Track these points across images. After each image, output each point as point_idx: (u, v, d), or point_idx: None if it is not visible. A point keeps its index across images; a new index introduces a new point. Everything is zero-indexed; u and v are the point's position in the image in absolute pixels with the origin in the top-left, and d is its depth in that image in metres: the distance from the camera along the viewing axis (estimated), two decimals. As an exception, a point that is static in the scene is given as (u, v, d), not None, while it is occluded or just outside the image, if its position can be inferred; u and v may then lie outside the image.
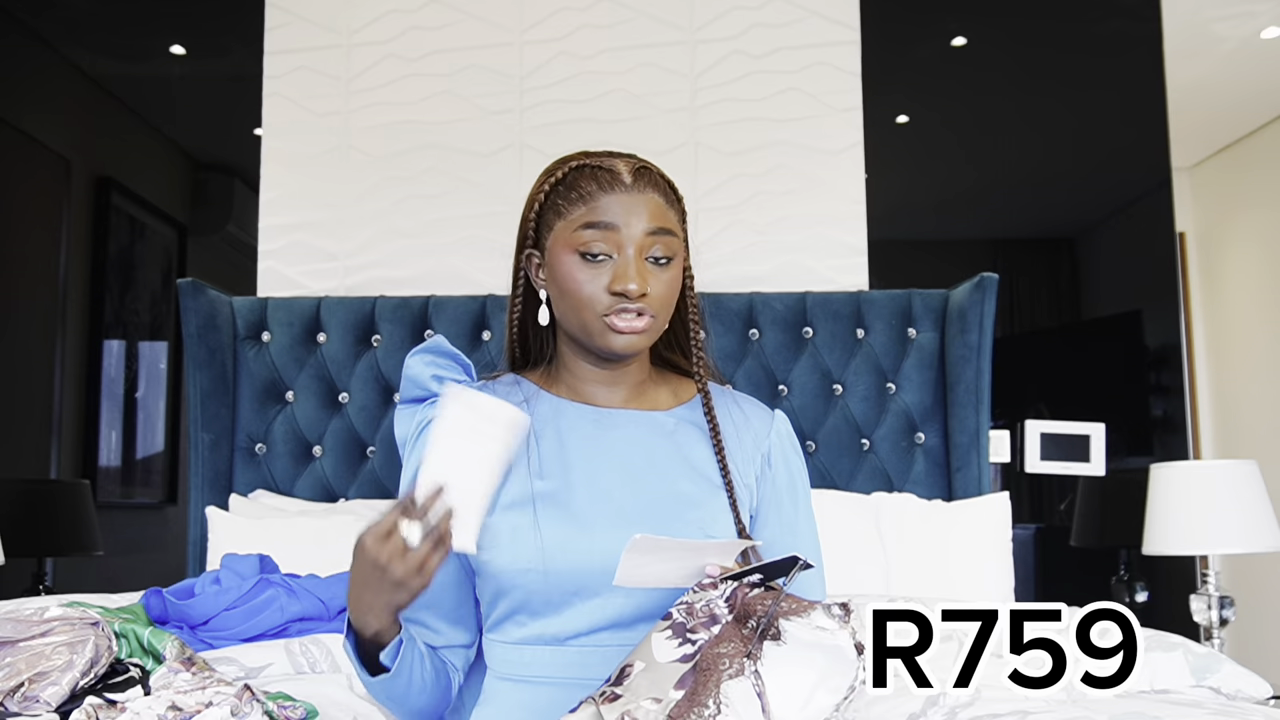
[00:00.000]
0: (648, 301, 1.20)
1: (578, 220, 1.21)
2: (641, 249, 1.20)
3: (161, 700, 1.28)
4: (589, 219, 1.20)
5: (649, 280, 1.20)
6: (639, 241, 1.20)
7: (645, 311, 1.21)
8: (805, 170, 2.98)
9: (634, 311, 1.20)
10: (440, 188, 2.98)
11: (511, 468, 1.23)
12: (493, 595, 1.23)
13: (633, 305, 1.20)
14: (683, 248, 1.27)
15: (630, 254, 1.20)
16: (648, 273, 1.20)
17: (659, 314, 1.22)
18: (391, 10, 3.04)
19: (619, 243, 1.20)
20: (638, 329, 1.21)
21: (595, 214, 1.20)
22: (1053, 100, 3.70)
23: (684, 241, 1.29)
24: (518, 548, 1.19)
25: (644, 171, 1.24)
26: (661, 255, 1.22)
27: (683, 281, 1.31)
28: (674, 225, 1.24)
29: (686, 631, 1.04)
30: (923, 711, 1.44)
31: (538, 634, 1.20)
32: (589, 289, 1.20)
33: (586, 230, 1.20)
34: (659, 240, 1.21)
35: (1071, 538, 3.50)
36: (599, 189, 1.21)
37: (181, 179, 4.56)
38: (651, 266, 1.21)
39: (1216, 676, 1.66)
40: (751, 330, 2.77)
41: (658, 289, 1.21)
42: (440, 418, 1.09)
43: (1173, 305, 3.78)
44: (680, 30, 3.03)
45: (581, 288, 1.20)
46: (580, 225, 1.20)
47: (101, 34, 3.95)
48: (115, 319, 4.20)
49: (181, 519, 3.94)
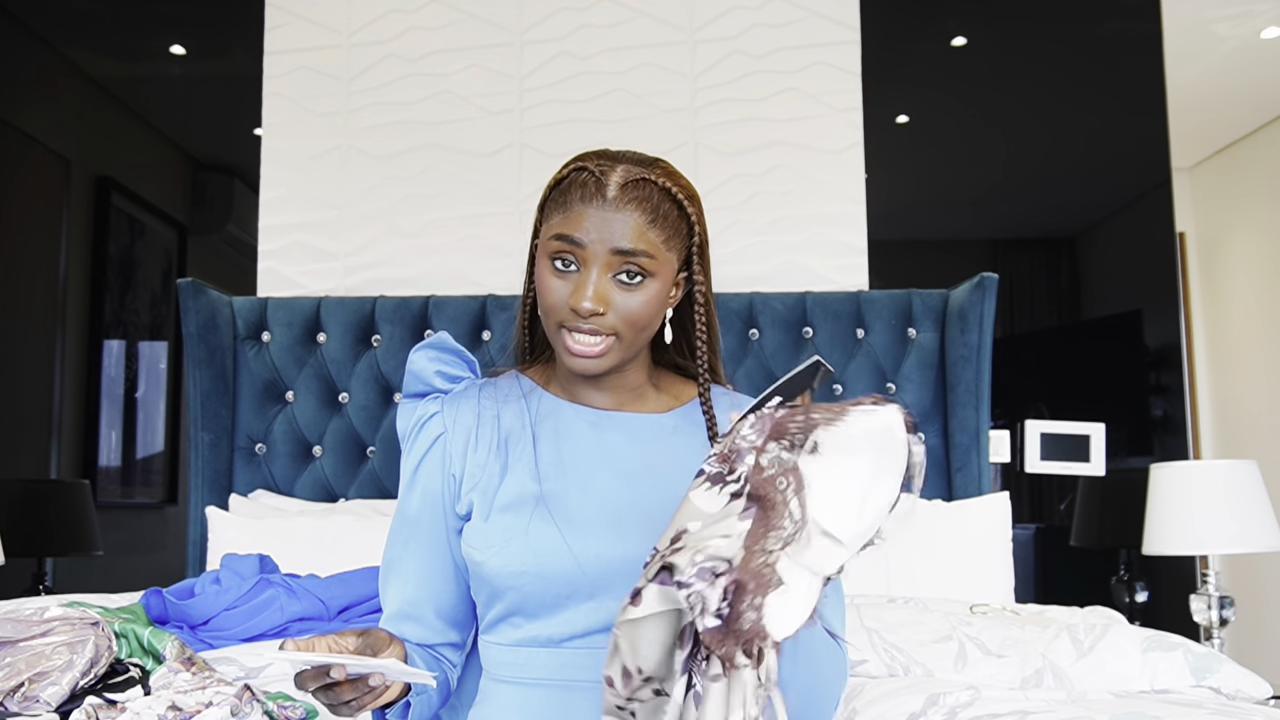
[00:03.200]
0: (602, 322, 1.18)
1: (555, 227, 1.20)
2: (607, 266, 1.18)
3: (161, 700, 1.28)
4: (561, 229, 1.19)
5: (610, 299, 1.18)
6: (604, 260, 1.18)
7: (601, 331, 1.19)
8: (805, 170, 2.98)
9: (588, 331, 1.19)
10: (440, 188, 2.98)
11: (508, 469, 1.23)
12: (488, 597, 1.23)
13: (585, 325, 1.18)
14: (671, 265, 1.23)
15: (594, 272, 1.18)
16: (609, 291, 1.18)
17: (623, 333, 1.19)
18: (391, 10, 3.04)
19: (584, 258, 1.18)
20: (592, 353, 1.19)
21: (567, 225, 1.19)
22: (1053, 100, 3.70)
23: (690, 251, 1.27)
24: (512, 550, 1.18)
25: (634, 185, 1.20)
26: (634, 272, 1.19)
27: (690, 294, 1.29)
28: (652, 243, 1.19)
29: (725, 477, 0.97)
30: (923, 711, 1.44)
31: (533, 636, 1.20)
32: (553, 298, 1.20)
33: (557, 240, 1.19)
34: (626, 261, 1.18)
35: (1071, 538, 3.50)
36: (579, 200, 1.20)
37: (181, 179, 4.56)
38: (619, 285, 1.19)
39: (1216, 676, 1.67)
40: (751, 330, 2.77)
41: (624, 307, 1.18)
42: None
43: (1173, 305, 3.78)
44: (680, 30, 3.03)
45: (548, 295, 1.20)
46: (554, 234, 1.20)
47: (101, 34, 3.95)
48: (115, 319, 4.20)
49: (181, 519, 3.95)
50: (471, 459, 1.25)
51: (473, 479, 1.24)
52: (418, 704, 1.19)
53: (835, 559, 0.93)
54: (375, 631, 1.09)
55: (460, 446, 1.25)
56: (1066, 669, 1.67)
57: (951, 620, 1.82)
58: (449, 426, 1.26)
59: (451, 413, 1.27)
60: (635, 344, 1.22)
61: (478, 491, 1.23)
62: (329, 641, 1.05)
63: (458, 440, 1.26)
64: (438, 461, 1.26)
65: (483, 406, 1.28)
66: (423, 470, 1.26)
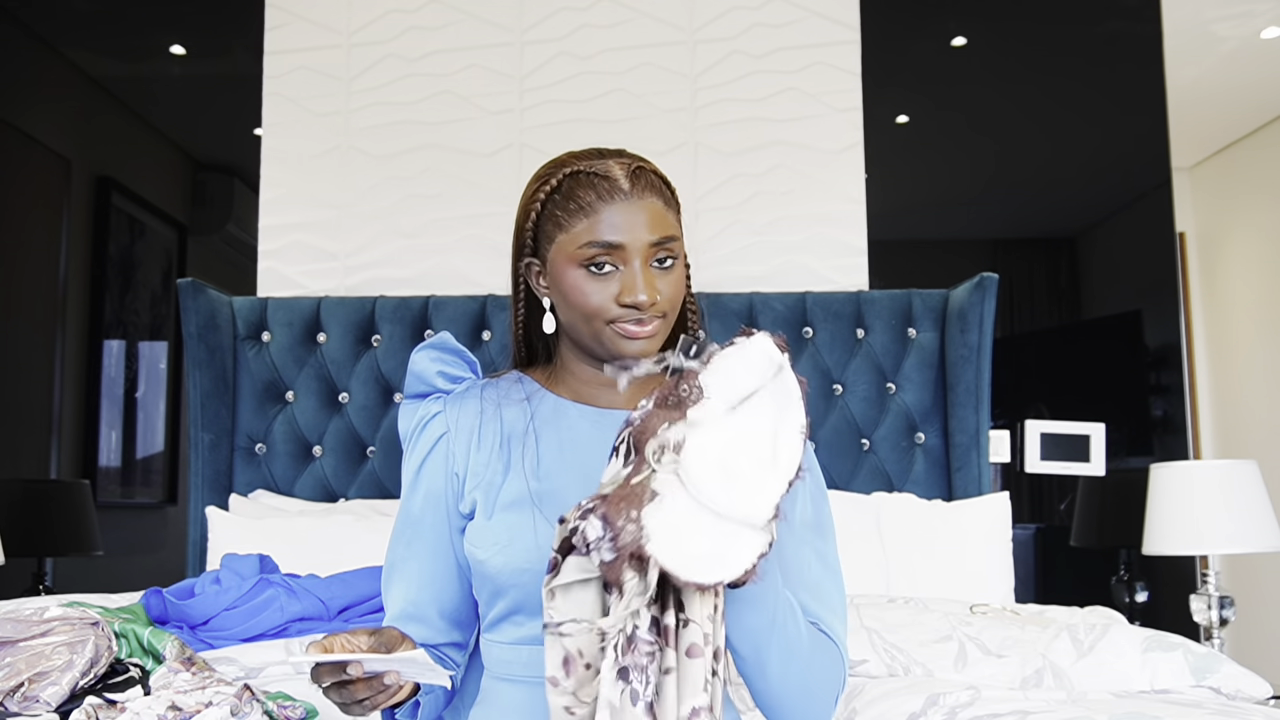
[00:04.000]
0: (657, 308, 1.21)
1: (580, 236, 1.21)
2: (647, 259, 1.21)
3: (161, 700, 1.28)
4: (592, 236, 1.20)
5: (657, 287, 1.21)
6: (644, 253, 1.21)
7: (655, 316, 1.22)
8: (805, 170, 2.98)
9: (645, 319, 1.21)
10: (440, 188, 2.98)
11: (510, 468, 1.23)
12: (490, 595, 1.23)
13: (643, 316, 1.20)
14: (683, 246, 1.27)
15: (637, 266, 1.20)
16: (655, 280, 1.21)
17: (669, 314, 1.24)
18: (391, 10, 3.04)
19: (625, 257, 1.20)
20: (649, 334, 1.22)
21: (598, 231, 1.20)
22: (1053, 100, 3.70)
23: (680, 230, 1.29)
24: (515, 548, 1.19)
25: (640, 174, 1.23)
26: (666, 258, 1.22)
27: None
28: (674, 228, 1.24)
29: (619, 446, 1.00)
30: (923, 711, 1.44)
31: (535, 634, 1.20)
32: (597, 300, 1.20)
33: (591, 248, 1.20)
34: (663, 248, 1.22)
35: (1071, 538, 3.50)
36: (598, 199, 1.21)
37: (181, 179, 4.56)
38: (657, 270, 1.22)
39: (1216, 676, 1.67)
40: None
41: (666, 291, 1.22)
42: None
43: (1173, 305, 3.78)
44: (680, 30, 3.03)
45: (589, 299, 1.21)
46: (584, 242, 1.20)
47: (101, 34, 3.95)
48: (115, 319, 4.20)
49: (181, 519, 3.95)
50: (475, 458, 1.25)
51: (476, 478, 1.24)
52: (427, 703, 1.19)
53: (752, 501, 0.93)
54: (387, 630, 1.09)
55: (463, 446, 1.25)
56: (1066, 669, 1.67)
57: (951, 620, 1.82)
58: (452, 426, 1.26)
59: (454, 412, 1.27)
60: (671, 323, 1.25)
61: (481, 490, 1.23)
62: (342, 641, 1.05)
63: (461, 440, 1.26)
64: (440, 461, 1.26)
65: (485, 406, 1.28)
66: (425, 470, 1.26)
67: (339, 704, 1.06)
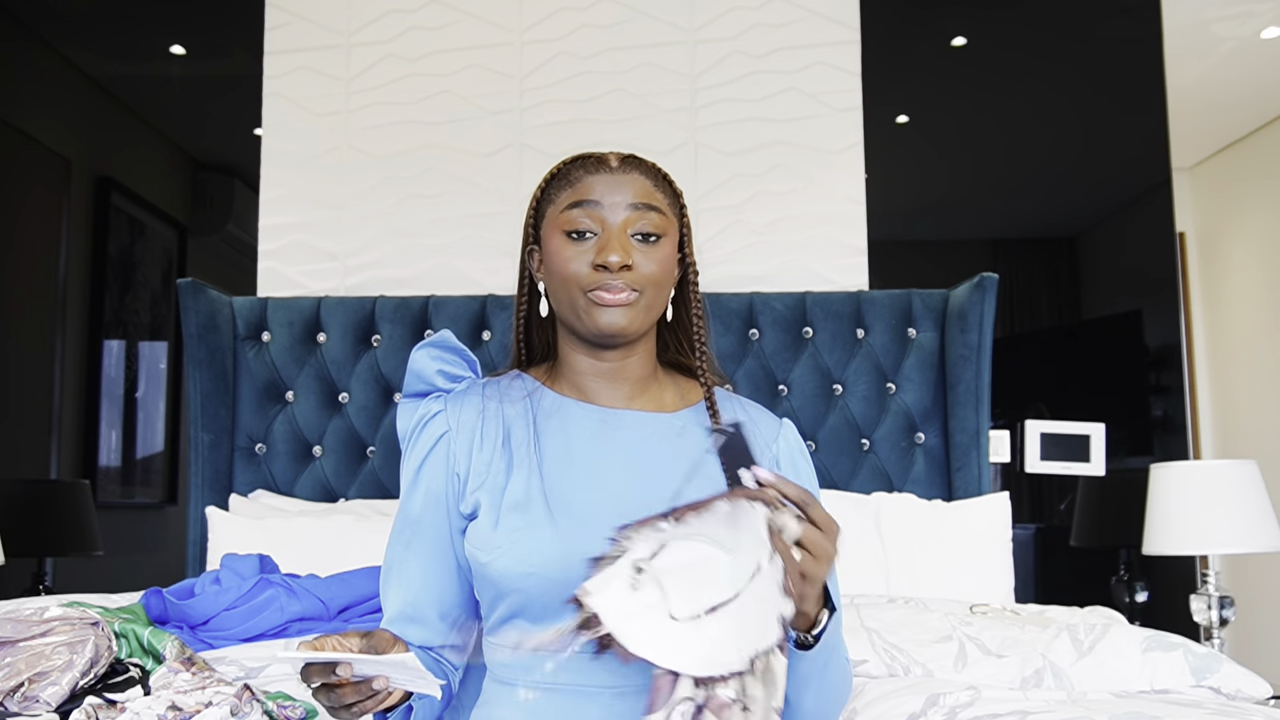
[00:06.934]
0: (632, 277, 1.21)
1: (564, 202, 1.25)
2: (626, 224, 1.22)
3: (161, 700, 1.28)
4: (573, 199, 1.24)
5: (633, 254, 1.21)
6: (623, 216, 1.22)
7: (629, 287, 1.21)
8: (805, 170, 2.98)
9: (618, 285, 1.21)
10: (440, 188, 2.98)
11: (513, 467, 1.23)
12: (492, 598, 1.22)
13: (615, 279, 1.20)
14: (675, 232, 1.27)
15: (614, 227, 1.22)
16: (631, 247, 1.22)
17: (646, 291, 1.23)
18: (391, 10, 3.04)
19: (602, 219, 1.23)
20: (621, 302, 1.21)
21: (579, 194, 1.24)
22: (1053, 100, 3.70)
23: (681, 231, 1.29)
24: (518, 551, 1.18)
25: (632, 158, 1.27)
26: (649, 232, 1.23)
27: (685, 278, 1.31)
28: (661, 204, 1.25)
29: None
30: (923, 711, 1.44)
31: (535, 639, 1.20)
32: (574, 265, 1.22)
33: (572, 210, 1.23)
34: (644, 216, 1.23)
35: (1071, 538, 3.50)
36: (585, 173, 1.25)
37: (181, 179, 4.56)
38: (638, 243, 1.22)
39: (1216, 676, 1.66)
40: (751, 330, 2.77)
41: (645, 266, 1.22)
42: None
43: (1173, 305, 3.78)
44: (680, 30, 3.03)
45: (567, 265, 1.22)
46: (566, 206, 1.24)
47: (101, 34, 3.95)
48: (115, 319, 4.20)
49: (181, 519, 3.95)
50: (477, 457, 1.24)
51: (478, 478, 1.23)
52: (420, 707, 1.17)
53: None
54: (379, 633, 1.08)
55: (465, 445, 1.25)
56: (1066, 669, 1.67)
57: (951, 620, 1.82)
58: (453, 425, 1.26)
59: (455, 412, 1.27)
60: (654, 305, 1.25)
61: (484, 490, 1.22)
62: (334, 642, 1.05)
63: (462, 439, 1.25)
64: (441, 461, 1.25)
65: (486, 405, 1.27)
66: (426, 470, 1.26)
67: (327, 707, 1.06)
